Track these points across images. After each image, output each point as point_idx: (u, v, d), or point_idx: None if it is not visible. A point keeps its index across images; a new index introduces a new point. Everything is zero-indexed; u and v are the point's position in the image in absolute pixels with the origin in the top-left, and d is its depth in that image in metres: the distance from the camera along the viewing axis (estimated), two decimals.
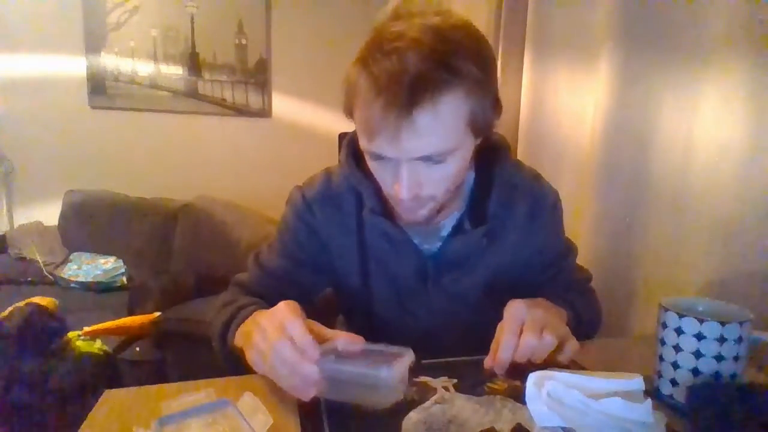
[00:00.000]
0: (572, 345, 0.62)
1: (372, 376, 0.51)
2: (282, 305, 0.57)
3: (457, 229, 0.74)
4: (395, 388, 0.52)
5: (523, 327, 0.59)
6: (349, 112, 0.63)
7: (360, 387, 0.52)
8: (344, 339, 0.56)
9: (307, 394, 0.52)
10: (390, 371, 0.51)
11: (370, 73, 0.56)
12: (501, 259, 0.76)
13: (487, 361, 0.60)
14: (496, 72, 0.62)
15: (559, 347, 0.61)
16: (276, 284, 0.77)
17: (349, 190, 0.75)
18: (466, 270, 0.75)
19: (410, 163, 0.59)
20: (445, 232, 0.75)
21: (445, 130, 0.57)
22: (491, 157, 0.73)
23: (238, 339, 0.65)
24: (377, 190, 0.70)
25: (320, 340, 0.55)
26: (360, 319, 0.83)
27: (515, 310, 0.62)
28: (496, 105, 0.62)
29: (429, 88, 0.54)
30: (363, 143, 0.61)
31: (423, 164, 0.59)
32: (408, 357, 0.55)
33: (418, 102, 0.53)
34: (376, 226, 0.73)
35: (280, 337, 0.52)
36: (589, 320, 0.81)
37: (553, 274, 0.81)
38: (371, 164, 0.65)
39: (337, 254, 0.78)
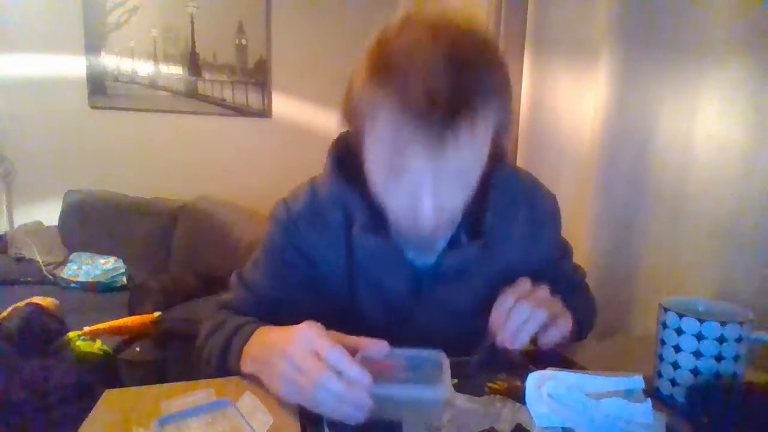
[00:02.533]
0: (562, 327, 0.63)
1: (424, 397, 0.52)
2: (305, 328, 0.53)
3: (453, 242, 0.70)
4: (445, 401, 0.53)
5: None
6: (355, 122, 0.59)
7: (410, 405, 0.53)
8: (370, 347, 0.55)
9: (358, 420, 0.50)
10: (442, 389, 0.51)
11: (395, 91, 0.51)
12: (499, 271, 0.72)
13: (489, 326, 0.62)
14: (509, 76, 0.58)
15: (546, 329, 0.62)
16: (265, 305, 0.73)
17: (336, 205, 0.70)
18: (462, 283, 0.72)
19: (436, 183, 0.55)
20: (440, 246, 0.70)
21: (479, 144, 0.55)
22: (488, 165, 0.67)
23: (247, 364, 0.61)
24: (367, 204, 0.65)
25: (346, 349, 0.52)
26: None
27: (521, 282, 0.63)
28: (511, 119, 0.60)
29: (468, 103, 0.50)
30: (383, 161, 0.57)
31: (448, 184, 0.56)
32: (447, 364, 0.56)
33: (458, 119, 0.50)
34: (367, 243, 0.68)
35: (322, 369, 0.49)
36: (586, 318, 0.81)
37: (551, 278, 0.78)
38: (384, 182, 0.59)
39: (324, 272, 0.73)
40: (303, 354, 0.51)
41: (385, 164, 0.57)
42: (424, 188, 0.55)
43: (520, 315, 0.60)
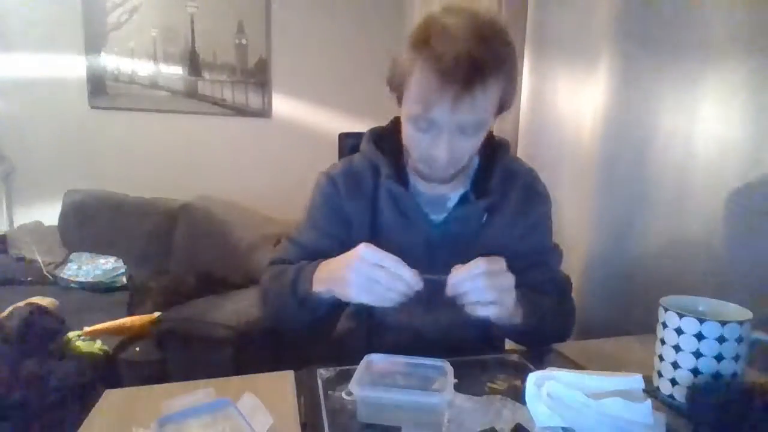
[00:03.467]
0: (495, 310, 0.67)
1: (426, 404, 0.53)
2: (362, 246, 0.68)
3: (463, 200, 0.84)
4: (445, 410, 0.53)
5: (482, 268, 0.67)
6: (396, 87, 0.75)
7: (411, 412, 0.53)
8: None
9: (392, 301, 0.66)
10: (444, 396, 0.52)
11: (431, 55, 0.67)
12: (496, 236, 0.84)
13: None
14: (516, 57, 0.74)
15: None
16: (308, 257, 0.86)
17: (368, 168, 0.87)
18: (466, 242, 0.83)
19: (451, 132, 0.71)
20: (451, 204, 0.85)
21: (487, 105, 0.71)
22: (493, 149, 0.86)
23: (318, 285, 0.74)
24: (394, 164, 0.83)
25: None
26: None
27: (496, 260, 0.68)
28: (517, 87, 0.76)
29: (484, 71, 0.66)
30: (415, 111, 0.71)
31: (460, 134, 0.72)
32: (451, 373, 0.57)
33: (475, 81, 0.66)
34: (390, 192, 0.83)
35: (372, 265, 0.66)
36: (550, 323, 0.82)
37: (535, 263, 0.85)
38: (413, 132, 0.74)
39: (353, 231, 0.86)
40: (361, 262, 0.67)
41: (416, 115, 0.71)
42: (443, 132, 0.71)
43: (473, 284, 0.66)
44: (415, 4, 2.47)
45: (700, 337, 0.56)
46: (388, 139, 0.87)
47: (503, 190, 0.85)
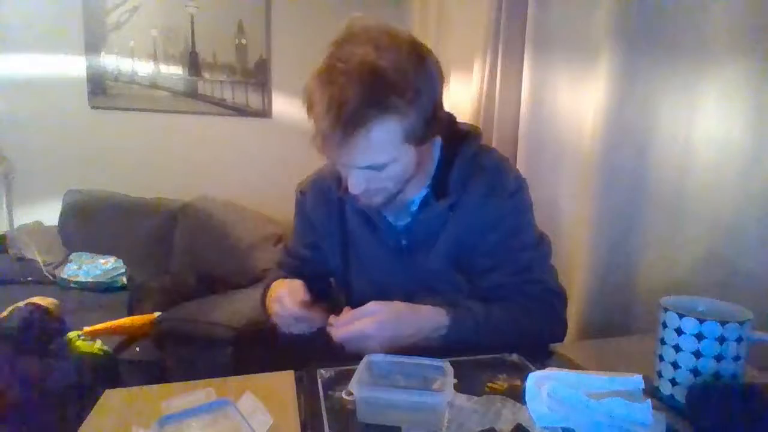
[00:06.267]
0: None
1: (426, 404, 0.53)
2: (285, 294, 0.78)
3: (425, 203, 0.82)
4: (445, 410, 0.53)
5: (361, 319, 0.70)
6: (310, 111, 0.72)
7: (411, 412, 0.53)
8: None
9: (292, 330, 0.78)
10: (444, 396, 0.52)
11: (321, 94, 0.66)
12: (459, 230, 0.81)
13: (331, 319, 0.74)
14: (435, 86, 0.70)
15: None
16: (296, 264, 0.96)
17: (335, 179, 0.85)
18: (433, 241, 0.82)
19: (357, 169, 0.70)
20: (414, 207, 0.83)
21: (378, 149, 0.67)
22: (459, 142, 0.81)
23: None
24: None
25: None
26: (341, 296, 0.94)
27: (375, 306, 0.71)
28: (434, 117, 0.71)
29: (361, 122, 0.64)
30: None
31: (369, 171, 0.70)
32: (451, 373, 0.57)
33: (352, 131, 0.65)
34: (353, 204, 0.83)
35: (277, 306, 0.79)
36: (520, 330, 0.77)
37: (503, 261, 0.80)
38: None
39: (324, 236, 0.90)
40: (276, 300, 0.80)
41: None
42: (343, 170, 0.73)
43: (352, 334, 0.69)
44: (414, 5, 2.47)
45: (700, 337, 0.56)
46: None
47: (464, 185, 0.79)
